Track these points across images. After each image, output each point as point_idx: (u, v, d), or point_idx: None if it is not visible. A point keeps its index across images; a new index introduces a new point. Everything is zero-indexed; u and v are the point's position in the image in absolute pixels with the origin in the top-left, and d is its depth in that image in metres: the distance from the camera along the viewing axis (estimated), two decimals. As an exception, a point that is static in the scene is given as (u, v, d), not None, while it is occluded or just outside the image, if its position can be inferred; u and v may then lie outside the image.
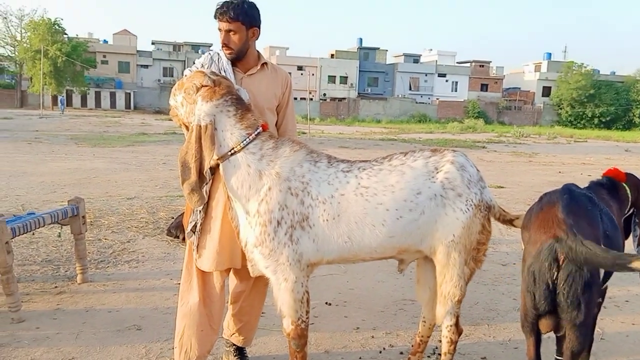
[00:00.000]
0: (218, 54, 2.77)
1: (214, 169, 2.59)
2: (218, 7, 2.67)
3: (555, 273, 2.18)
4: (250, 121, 2.52)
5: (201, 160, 2.42)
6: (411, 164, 2.59)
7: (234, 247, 2.66)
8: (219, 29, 2.69)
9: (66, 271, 4.55)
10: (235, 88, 2.56)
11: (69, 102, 48.01)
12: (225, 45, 2.69)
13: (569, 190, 2.42)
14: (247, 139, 2.49)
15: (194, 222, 2.69)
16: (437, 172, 2.57)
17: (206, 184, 2.57)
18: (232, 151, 2.49)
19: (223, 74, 2.65)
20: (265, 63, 2.86)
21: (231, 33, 2.67)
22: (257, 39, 2.79)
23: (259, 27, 2.75)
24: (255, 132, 2.51)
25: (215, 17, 2.68)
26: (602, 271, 2.29)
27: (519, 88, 62.21)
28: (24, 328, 3.44)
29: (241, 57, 2.74)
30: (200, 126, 2.43)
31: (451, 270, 2.61)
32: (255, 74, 2.81)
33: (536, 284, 2.22)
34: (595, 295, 2.32)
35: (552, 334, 2.46)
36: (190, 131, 2.47)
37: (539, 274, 2.21)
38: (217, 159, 2.51)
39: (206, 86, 2.47)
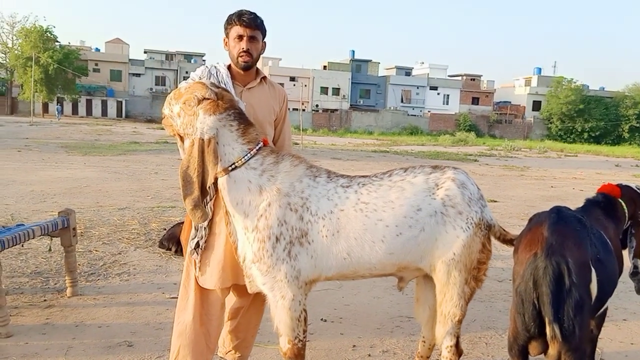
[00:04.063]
0: (216, 67, 2.74)
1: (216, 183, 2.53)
2: (242, 13, 2.63)
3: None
4: (252, 136, 2.48)
5: (204, 175, 2.36)
6: (411, 180, 2.55)
7: (238, 262, 2.60)
8: (239, 35, 2.63)
9: (55, 284, 4.46)
10: (236, 101, 2.52)
11: (59, 110, 47.73)
12: (247, 52, 2.65)
13: (558, 211, 2.41)
14: (249, 154, 2.45)
15: (197, 240, 2.62)
16: (438, 189, 2.53)
17: (211, 199, 2.51)
18: (233, 166, 2.44)
19: (223, 86, 2.61)
20: (264, 77, 2.83)
21: (254, 40, 2.65)
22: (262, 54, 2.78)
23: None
24: (257, 147, 2.47)
25: (234, 22, 2.63)
26: (594, 291, 2.25)
27: (510, 102, 62.70)
28: (12, 343, 3.34)
29: (251, 68, 2.72)
30: (202, 140, 2.37)
31: (451, 289, 2.57)
32: (255, 87, 2.78)
33: (524, 305, 2.19)
34: (587, 316, 2.28)
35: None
36: (191, 145, 2.41)
37: (525, 294, 2.18)
38: (217, 173, 2.45)
39: (208, 99, 2.42)
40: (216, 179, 2.47)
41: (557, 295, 2.09)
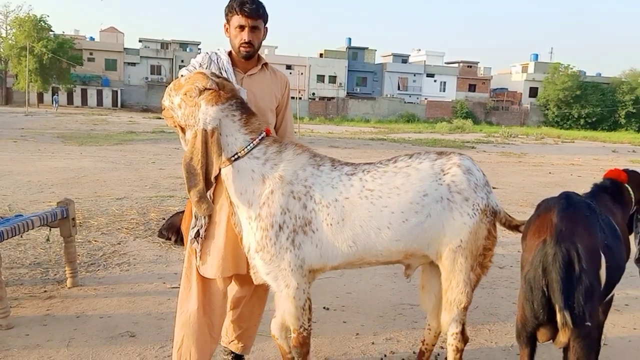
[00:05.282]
0: (216, 54, 2.68)
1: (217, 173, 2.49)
2: (243, 1, 2.54)
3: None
4: (255, 126, 2.44)
5: (208, 166, 2.32)
6: (417, 165, 2.52)
7: (239, 252, 2.57)
8: (241, 25, 2.57)
9: (55, 275, 4.43)
10: (238, 90, 2.47)
11: (54, 100, 47.49)
12: (249, 42, 2.59)
13: (567, 197, 2.38)
14: (251, 144, 2.41)
15: (197, 229, 2.59)
16: (444, 175, 2.50)
17: (209, 188, 2.47)
18: (236, 156, 2.40)
19: (224, 74, 2.56)
20: (266, 64, 2.78)
21: (256, 30, 2.59)
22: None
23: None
24: (259, 137, 2.43)
25: (235, 11, 2.55)
26: (603, 278, 2.23)
27: (507, 89, 62.67)
28: (13, 335, 3.32)
29: (253, 57, 2.66)
30: (205, 131, 2.33)
31: (457, 276, 2.55)
32: (256, 74, 2.73)
33: (533, 292, 2.17)
34: (597, 303, 2.26)
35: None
36: (193, 136, 2.37)
37: (534, 281, 2.16)
38: (220, 164, 2.41)
39: (210, 89, 2.37)
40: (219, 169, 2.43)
41: (567, 282, 2.06)
